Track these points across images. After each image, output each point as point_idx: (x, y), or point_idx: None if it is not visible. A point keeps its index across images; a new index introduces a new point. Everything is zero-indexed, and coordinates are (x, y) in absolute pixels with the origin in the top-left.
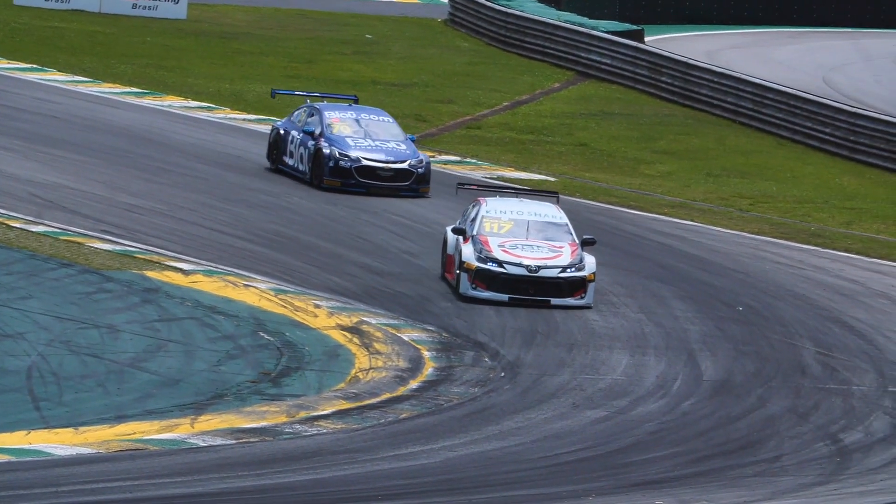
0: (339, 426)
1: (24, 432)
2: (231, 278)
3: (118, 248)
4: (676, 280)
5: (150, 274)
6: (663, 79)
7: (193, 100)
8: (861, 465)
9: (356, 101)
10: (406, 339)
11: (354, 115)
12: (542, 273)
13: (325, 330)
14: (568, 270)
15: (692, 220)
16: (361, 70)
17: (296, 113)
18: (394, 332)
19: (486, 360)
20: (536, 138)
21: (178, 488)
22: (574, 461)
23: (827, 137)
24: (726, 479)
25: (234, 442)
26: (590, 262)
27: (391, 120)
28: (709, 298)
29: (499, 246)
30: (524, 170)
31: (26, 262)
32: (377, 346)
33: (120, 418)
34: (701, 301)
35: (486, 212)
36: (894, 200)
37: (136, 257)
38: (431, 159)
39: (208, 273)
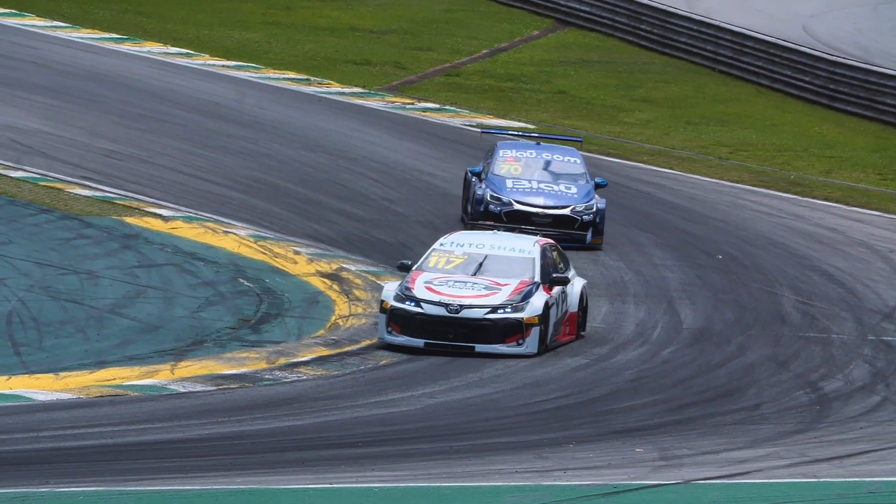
0: (318, 373)
1: (5, 377)
2: (210, 224)
3: (97, 193)
4: (655, 228)
5: (129, 220)
6: (642, 26)
7: (172, 46)
8: (840, 413)
9: (580, 143)
10: (385, 286)
11: (534, 154)
12: (465, 314)
13: (305, 276)
14: (499, 311)
15: (671, 168)
16: (340, 17)
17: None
18: (373, 279)
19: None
20: (516, 86)
21: (159, 434)
22: (554, 409)
23: (806, 86)
24: (706, 426)
25: (213, 388)
26: (536, 303)
27: (578, 160)
28: (688, 247)
29: (425, 283)
30: (503, 117)
31: (6, 208)
32: (357, 292)
33: (100, 364)
34: (680, 249)
35: (441, 244)
36: (874, 149)
37: (115, 203)
38: (409, 106)
39: (188, 219)
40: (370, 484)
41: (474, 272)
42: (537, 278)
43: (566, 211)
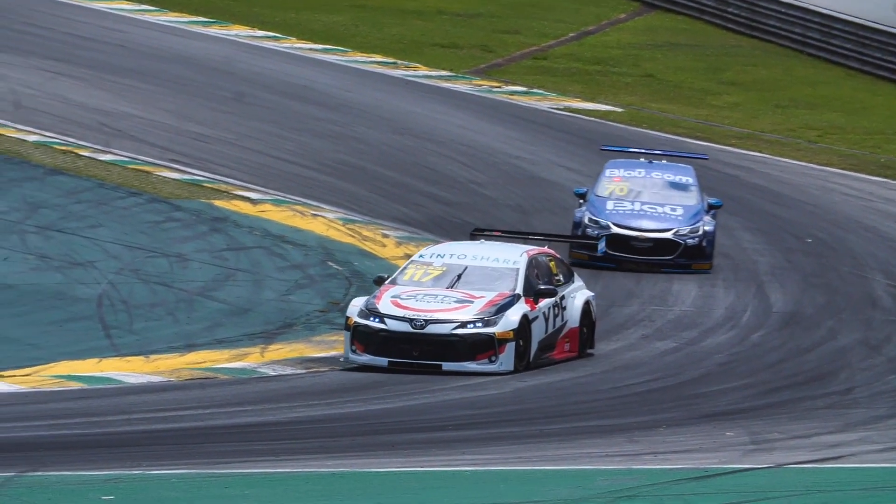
0: None
1: (96, 360)
2: (299, 207)
3: (186, 177)
4: (744, 211)
5: (218, 203)
6: (730, 9)
7: (259, 29)
8: None
9: (707, 160)
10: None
11: (642, 173)
12: (431, 329)
13: (393, 259)
14: (468, 326)
15: (760, 152)
16: (427, 0)
17: None
18: None
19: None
20: (603, 69)
21: (249, 417)
22: (644, 392)
23: None
24: (797, 410)
25: (303, 371)
26: (511, 316)
27: (690, 179)
28: (777, 230)
29: (391, 297)
30: (591, 100)
31: (95, 191)
32: None
33: (190, 347)
34: (769, 233)
35: (420, 255)
36: None
37: (204, 186)
38: (496, 90)
39: (276, 202)
40: (461, 467)
41: (451, 284)
42: (518, 290)
43: (668, 235)
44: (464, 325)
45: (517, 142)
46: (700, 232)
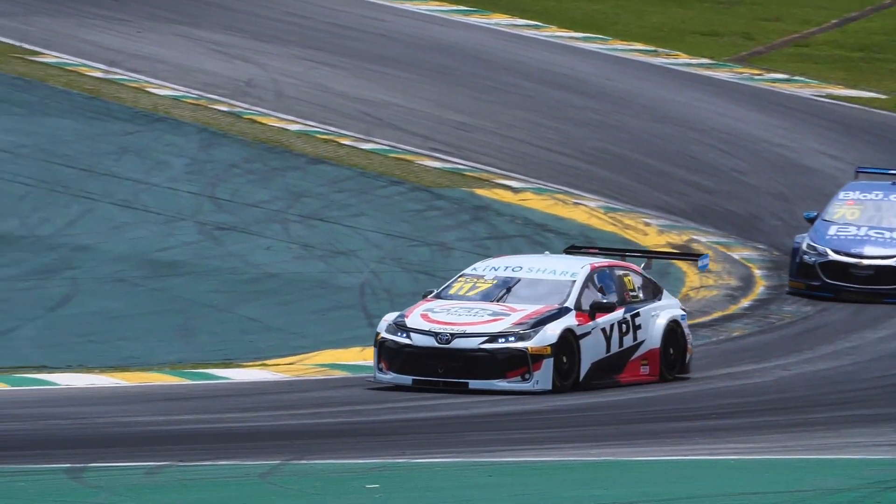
0: None
1: (359, 348)
2: (560, 196)
3: (448, 165)
4: None
5: (479, 191)
6: None
7: (520, 17)
8: None
9: None
10: (736, 257)
11: (880, 196)
12: (456, 343)
13: (656, 248)
14: (498, 340)
15: None
16: None
17: None
18: (724, 250)
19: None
20: (866, 56)
21: (510, 405)
22: None
23: None
24: None
25: None
26: (550, 331)
27: None
28: None
29: (424, 310)
30: (853, 87)
31: (357, 180)
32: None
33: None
34: None
35: (473, 268)
36: None
37: (465, 175)
38: (757, 77)
39: (538, 191)
40: (725, 456)
41: (497, 298)
42: (569, 303)
43: (891, 261)
44: (493, 339)
45: (779, 129)
46: None
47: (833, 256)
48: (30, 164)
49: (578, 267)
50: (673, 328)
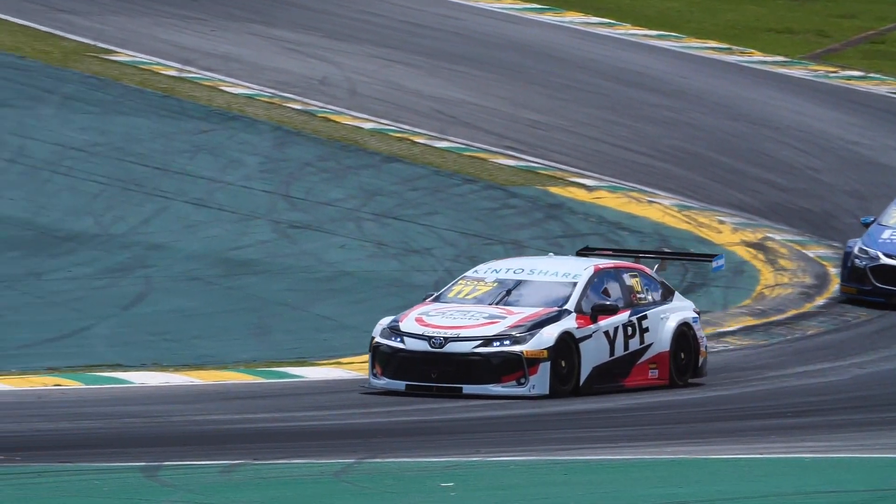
0: (745, 342)
1: None
2: (634, 194)
3: (522, 163)
4: None
5: (553, 190)
6: None
7: (594, 15)
8: None
9: None
10: (811, 255)
11: None
12: (450, 347)
13: (730, 246)
14: (493, 344)
15: None
16: None
17: None
18: (799, 248)
19: None
20: None
21: (585, 404)
22: None
23: None
24: None
25: None
26: (547, 334)
27: None
28: None
29: (419, 314)
30: None
31: (431, 178)
32: (782, 262)
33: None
34: None
35: (474, 270)
36: None
37: (539, 173)
38: (832, 75)
39: (612, 189)
40: (801, 454)
41: (497, 301)
42: (570, 306)
43: None
44: (488, 342)
45: (854, 127)
46: None
47: (883, 260)
48: (104, 163)
49: (581, 269)
50: (684, 331)
